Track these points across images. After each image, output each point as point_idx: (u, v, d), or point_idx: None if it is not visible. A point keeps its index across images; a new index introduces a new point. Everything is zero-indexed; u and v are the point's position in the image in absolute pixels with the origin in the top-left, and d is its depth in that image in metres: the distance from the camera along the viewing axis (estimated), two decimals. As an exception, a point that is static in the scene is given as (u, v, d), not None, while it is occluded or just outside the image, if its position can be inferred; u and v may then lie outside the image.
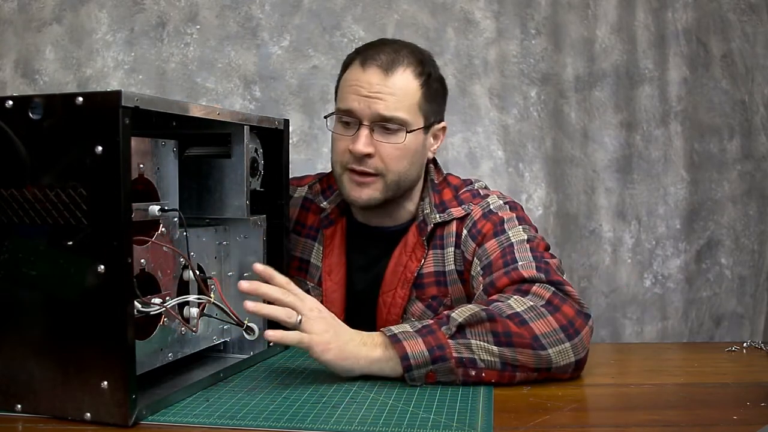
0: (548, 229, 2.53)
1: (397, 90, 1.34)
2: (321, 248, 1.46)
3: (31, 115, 0.93)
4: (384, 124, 1.34)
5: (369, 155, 1.34)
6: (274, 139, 1.29)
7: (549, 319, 1.13)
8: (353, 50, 1.45)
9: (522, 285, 1.20)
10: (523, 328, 1.12)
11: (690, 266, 2.55)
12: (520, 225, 1.34)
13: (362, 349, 1.12)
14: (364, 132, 1.34)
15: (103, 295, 0.90)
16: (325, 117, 1.43)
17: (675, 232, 2.55)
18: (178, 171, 1.09)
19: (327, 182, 1.51)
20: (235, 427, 0.93)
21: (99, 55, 2.41)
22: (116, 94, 0.89)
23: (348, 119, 1.36)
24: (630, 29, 2.52)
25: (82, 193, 0.91)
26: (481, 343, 1.11)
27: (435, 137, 1.44)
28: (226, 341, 1.25)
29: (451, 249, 1.38)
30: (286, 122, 1.31)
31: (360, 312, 1.43)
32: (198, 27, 2.44)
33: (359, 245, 1.47)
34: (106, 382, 0.91)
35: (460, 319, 1.12)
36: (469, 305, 1.16)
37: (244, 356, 1.24)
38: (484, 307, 1.14)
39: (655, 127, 2.53)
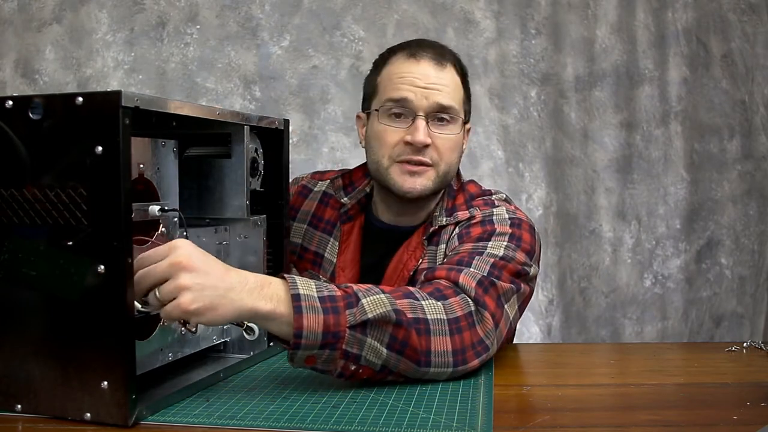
0: (548, 229, 2.53)
1: (450, 83, 1.37)
2: (336, 244, 1.47)
3: (31, 115, 0.93)
4: (440, 115, 1.35)
5: (427, 145, 1.35)
6: (274, 139, 1.29)
7: (447, 339, 1.09)
8: (386, 49, 1.45)
9: (447, 288, 1.15)
10: (423, 338, 1.07)
11: (690, 266, 2.55)
12: (507, 242, 1.28)
13: (246, 298, 0.98)
14: (422, 123, 1.34)
15: (103, 295, 0.90)
16: (367, 111, 1.42)
17: (675, 232, 2.55)
18: (178, 171, 1.09)
19: (350, 179, 1.52)
20: (235, 427, 0.93)
21: (99, 55, 2.41)
22: (116, 95, 0.89)
23: (401, 110, 1.36)
24: (630, 29, 2.52)
25: (82, 193, 0.91)
26: (375, 343, 1.04)
27: (465, 136, 1.46)
28: (226, 341, 1.25)
29: (443, 246, 1.38)
30: (286, 122, 1.31)
31: None
32: (198, 27, 2.45)
33: (372, 243, 1.47)
34: (106, 382, 0.91)
35: (369, 315, 1.03)
36: (382, 296, 1.07)
37: (244, 356, 1.23)
38: (396, 306, 1.06)
39: (655, 127, 2.53)
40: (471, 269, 1.19)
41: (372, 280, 1.41)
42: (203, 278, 0.95)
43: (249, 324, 1.13)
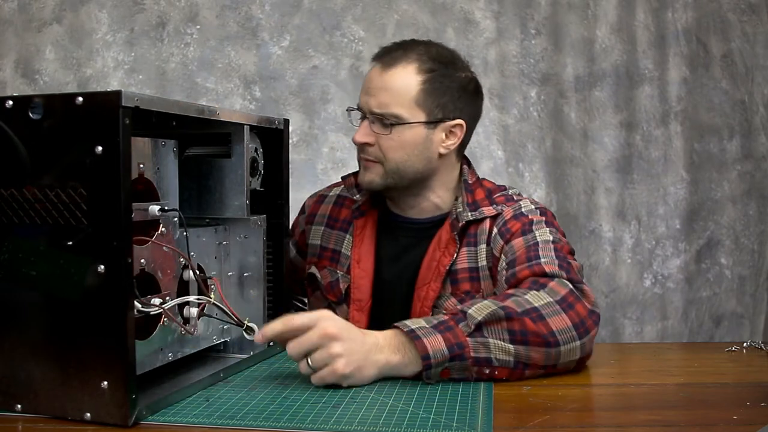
0: (548, 229, 2.52)
1: (392, 86, 1.40)
2: (351, 238, 1.52)
3: (31, 115, 0.93)
4: (380, 117, 1.40)
5: (368, 144, 1.42)
6: (274, 139, 1.29)
7: (563, 316, 1.16)
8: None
9: (541, 278, 1.23)
10: (540, 324, 1.14)
11: (690, 266, 2.55)
12: (547, 227, 1.39)
13: (380, 356, 1.11)
14: (364, 124, 1.43)
15: (103, 295, 0.90)
16: (348, 110, 1.54)
17: (675, 232, 2.55)
18: (178, 171, 1.09)
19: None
20: (235, 427, 0.93)
21: (99, 55, 2.41)
22: (116, 94, 0.89)
23: (358, 112, 1.46)
24: (630, 29, 2.52)
25: (82, 193, 0.91)
26: (498, 342, 1.13)
27: (450, 133, 1.45)
28: (226, 341, 1.25)
29: (483, 246, 1.43)
30: (286, 122, 1.31)
31: (387, 300, 1.48)
32: (198, 27, 2.44)
33: (389, 236, 1.52)
34: (106, 382, 0.91)
35: (479, 318, 1.12)
36: (485, 301, 1.17)
37: (244, 356, 1.23)
38: (501, 304, 1.15)
39: (655, 127, 2.53)
40: (543, 259, 1.29)
41: (398, 272, 1.48)
42: (350, 344, 1.09)
43: (249, 324, 1.13)
